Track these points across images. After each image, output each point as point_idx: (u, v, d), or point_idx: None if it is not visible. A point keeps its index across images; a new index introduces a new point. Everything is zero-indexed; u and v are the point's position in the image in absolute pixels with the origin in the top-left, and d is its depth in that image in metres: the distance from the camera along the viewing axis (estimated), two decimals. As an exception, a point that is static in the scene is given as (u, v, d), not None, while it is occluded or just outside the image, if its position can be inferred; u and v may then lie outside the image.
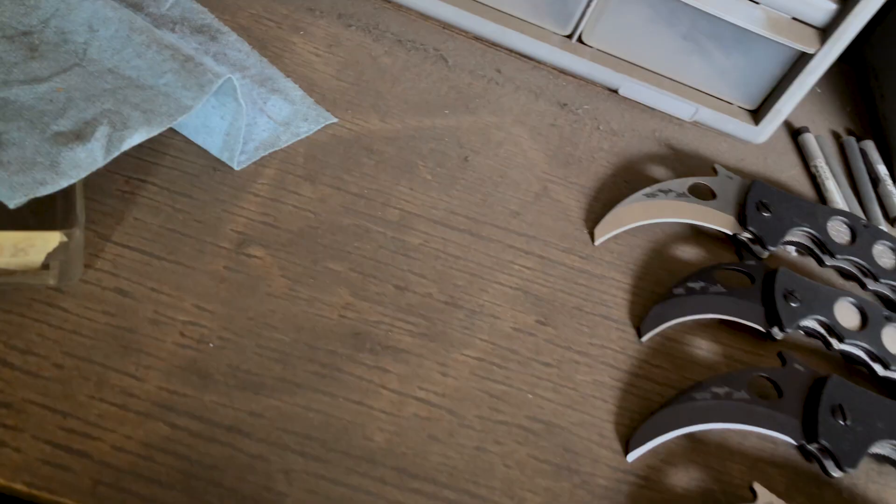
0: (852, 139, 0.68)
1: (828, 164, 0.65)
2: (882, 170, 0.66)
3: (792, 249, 0.57)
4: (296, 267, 0.44)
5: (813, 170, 0.64)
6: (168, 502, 0.35)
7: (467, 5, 0.60)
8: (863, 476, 0.47)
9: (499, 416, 0.43)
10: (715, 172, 0.57)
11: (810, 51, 0.57)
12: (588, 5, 0.59)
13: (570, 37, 0.61)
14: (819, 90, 0.73)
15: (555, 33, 0.61)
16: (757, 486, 0.42)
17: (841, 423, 0.45)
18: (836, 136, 0.70)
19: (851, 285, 0.57)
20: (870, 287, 0.55)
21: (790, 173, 0.64)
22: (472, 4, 0.60)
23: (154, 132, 0.40)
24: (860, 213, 0.63)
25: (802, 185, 0.64)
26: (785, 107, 0.61)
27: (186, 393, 0.38)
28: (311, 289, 0.44)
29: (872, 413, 0.46)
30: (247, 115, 0.49)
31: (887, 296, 0.55)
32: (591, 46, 0.62)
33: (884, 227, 0.62)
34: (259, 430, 0.38)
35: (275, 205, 0.47)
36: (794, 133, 0.67)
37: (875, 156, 0.67)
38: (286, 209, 0.47)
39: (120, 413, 0.37)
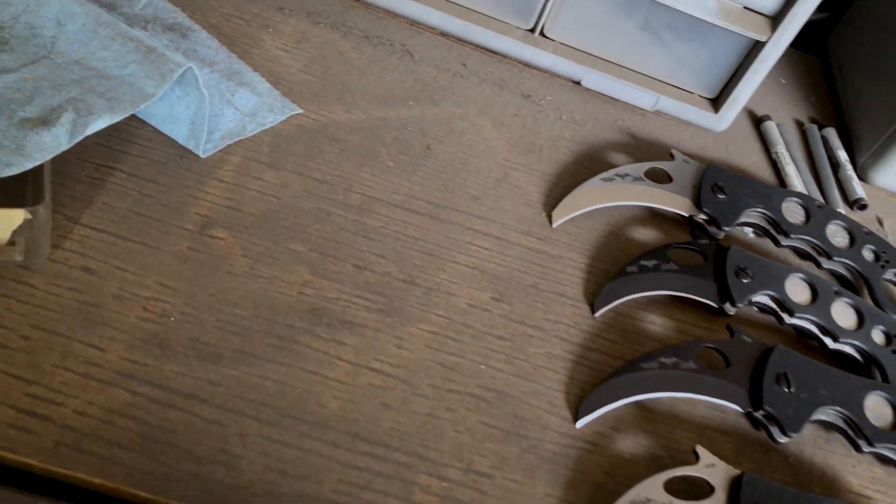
0: (814, 127, 0.70)
1: (789, 150, 0.66)
2: (842, 155, 0.67)
3: (749, 231, 0.59)
4: (257, 247, 0.46)
5: (774, 156, 0.66)
6: (126, 462, 0.37)
7: (433, 2, 0.62)
8: (810, 443, 0.48)
9: (451, 386, 0.44)
10: (672, 157, 0.59)
11: (762, 38, 0.59)
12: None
13: (532, 31, 0.63)
14: (784, 80, 0.75)
15: (517, 27, 0.63)
16: (699, 449, 0.43)
17: (785, 390, 0.46)
18: (800, 124, 0.71)
19: (808, 265, 0.58)
20: (824, 266, 0.57)
21: (752, 160, 0.66)
22: (437, 1, 0.63)
23: (117, 118, 0.43)
24: (820, 198, 0.64)
25: (764, 172, 0.65)
26: (742, 94, 0.63)
27: (147, 363, 0.40)
28: (271, 268, 0.46)
29: (816, 381, 0.47)
30: (214, 106, 0.51)
31: (841, 273, 0.57)
32: (553, 40, 0.64)
33: (842, 210, 0.64)
34: (216, 397, 0.40)
35: (239, 190, 0.49)
36: (757, 122, 0.69)
37: (836, 142, 0.69)
38: (250, 194, 0.49)
39: (83, 381, 0.39)
